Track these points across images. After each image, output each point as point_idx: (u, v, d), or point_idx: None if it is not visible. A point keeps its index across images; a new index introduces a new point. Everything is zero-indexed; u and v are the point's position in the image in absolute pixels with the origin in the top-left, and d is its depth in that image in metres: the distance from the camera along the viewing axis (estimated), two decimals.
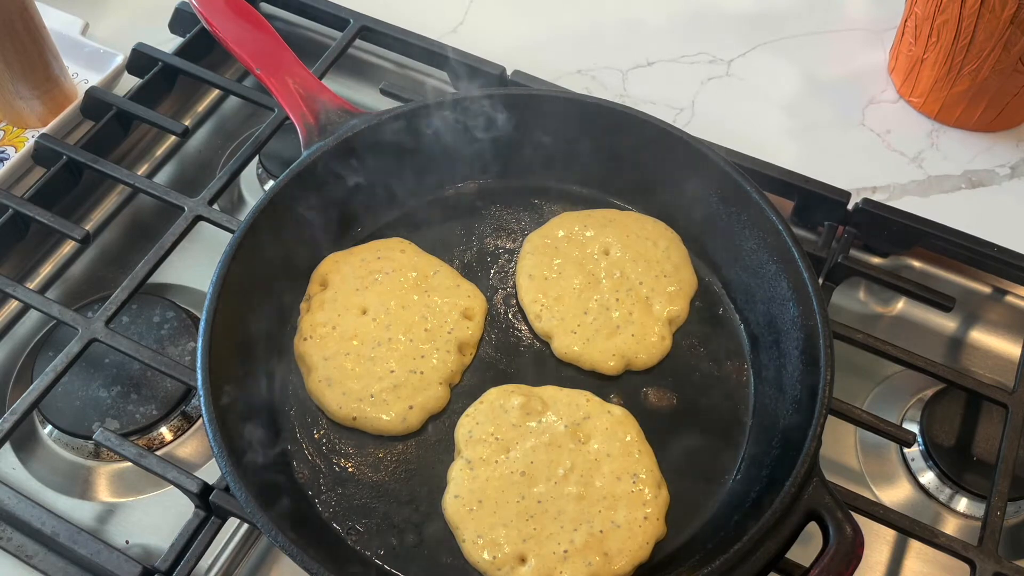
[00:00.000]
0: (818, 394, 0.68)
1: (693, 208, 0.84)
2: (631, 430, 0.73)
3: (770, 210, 0.77)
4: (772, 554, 0.63)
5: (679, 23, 1.15)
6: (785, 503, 0.63)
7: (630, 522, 0.68)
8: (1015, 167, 1.01)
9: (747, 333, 0.81)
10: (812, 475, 0.65)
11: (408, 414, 0.74)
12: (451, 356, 0.77)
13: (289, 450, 0.73)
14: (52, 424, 0.80)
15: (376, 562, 0.69)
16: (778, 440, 0.71)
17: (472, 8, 1.15)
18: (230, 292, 0.72)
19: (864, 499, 0.72)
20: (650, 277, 0.81)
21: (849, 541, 0.62)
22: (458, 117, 0.83)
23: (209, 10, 0.86)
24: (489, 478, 0.70)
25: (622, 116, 0.83)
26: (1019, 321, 0.91)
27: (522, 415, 0.73)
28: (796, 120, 1.05)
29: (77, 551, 0.69)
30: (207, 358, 0.68)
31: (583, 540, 0.67)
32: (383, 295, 0.79)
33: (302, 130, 0.81)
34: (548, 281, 0.81)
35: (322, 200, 0.81)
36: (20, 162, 0.92)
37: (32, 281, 0.91)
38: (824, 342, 0.70)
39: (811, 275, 0.73)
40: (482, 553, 0.67)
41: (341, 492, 0.72)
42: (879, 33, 1.13)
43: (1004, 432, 0.76)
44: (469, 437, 0.73)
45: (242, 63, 0.86)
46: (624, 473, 0.70)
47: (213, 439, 0.65)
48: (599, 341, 0.78)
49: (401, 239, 0.84)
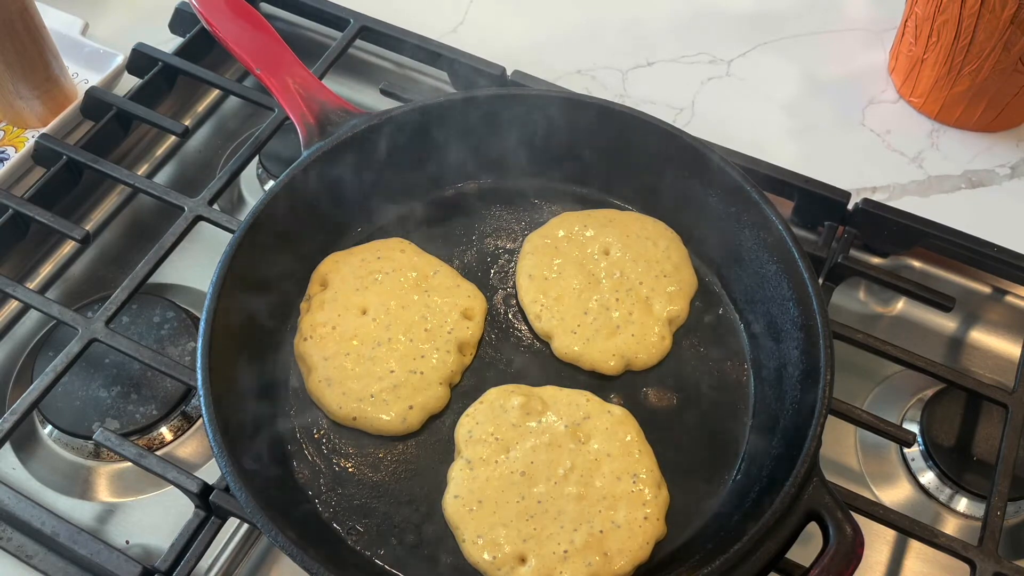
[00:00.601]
0: (818, 394, 0.68)
1: (693, 208, 0.84)
2: (631, 430, 0.73)
3: (770, 210, 0.77)
4: (772, 554, 0.63)
5: (679, 23, 1.15)
6: (785, 503, 0.63)
7: (630, 522, 0.68)
8: (1015, 167, 1.01)
9: (747, 333, 0.81)
10: (812, 475, 0.65)
11: (408, 414, 0.74)
12: (451, 356, 0.77)
13: (289, 450, 0.73)
14: (52, 424, 0.80)
15: (376, 562, 0.69)
16: (778, 440, 0.71)
17: (472, 8, 1.15)
18: (230, 292, 0.72)
19: (864, 499, 0.72)
20: (650, 277, 0.81)
21: (849, 541, 0.62)
22: (458, 117, 0.83)
23: (209, 10, 0.86)
24: (489, 478, 0.70)
25: (622, 116, 0.83)
26: (1019, 321, 0.91)
27: (522, 415, 0.73)
28: (796, 120, 1.05)
29: (77, 551, 0.69)
30: (207, 358, 0.68)
31: (583, 540, 0.67)
32: (383, 295, 0.79)
33: (302, 130, 0.81)
34: (548, 281, 0.81)
35: (322, 200, 0.81)
36: (20, 162, 0.92)
37: (32, 281, 0.91)
38: (824, 342, 0.70)
39: (811, 275, 0.73)
40: (482, 553, 0.67)
41: (341, 492, 0.72)
42: (879, 33, 1.13)
43: (1004, 432, 0.76)
44: (469, 437, 0.73)
45: (242, 63, 0.86)
46: (624, 473, 0.70)
47: (213, 439, 0.65)
48: (599, 341, 0.78)
49: (401, 239, 0.84)
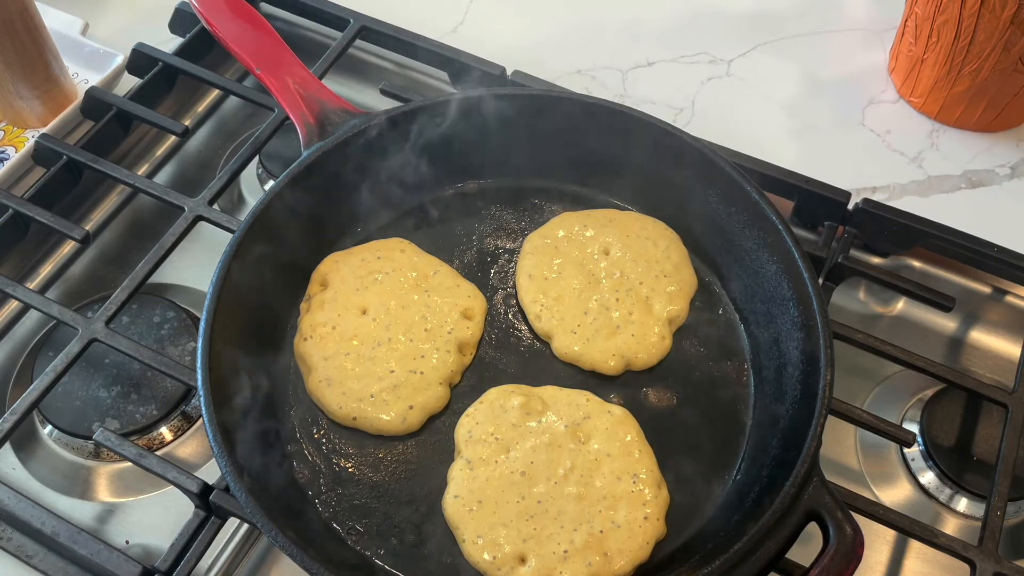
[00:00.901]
0: (818, 394, 0.68)
1: (693, 208, 0.84)
2: (631, 430, 0.73)
3: (770, 210, 0.77)
4: (772, 554, 0.63)
5: (679, 23, 1.15)
6: (785, 503, 0.63)
7: (630, 522, 0.68)
8: (1015, 167, 1.01)
9: (747, 333, 0.81)
10: (812, 475, 0.65)
11: (408, 414, 0.74)
12: (451, 356, 0.76)
13: (289, 450, 0.73)
14: (52, 424, 0.80)
15: (376, 562, 0.69)
16: (778, 440, 0.71)
17: (472, 8, 1.15)
18: (230, 292, 0.72)
19: (864, 499, 0.72)
20: (650, 277, 0.81)
21: (849, 541, 0.62)
22: (458, 117, 0.83)
23: (209, 10, 0.87)
24: (489, 478, 0.70)
25: (622, 116, 0.83)
26: (1019, 321, 0.91)
27: (522, 415, 0.73)
28: (796, 120, 1.05)
29: (77, 551, 0.69)
30: (207, 358, 0.68)
31: (583, 540, 0.67)
32: (383, 295, 0.79)
33: (302, 130, 0.81)
34: (548, 281, 0.81)
35: (322, 200, 0.81)
36: (20, 162, 0.92)
37: (32, 281, 0.91)
38: (824, 342, 0.70)
39: (811, 275, 0.73)
40: (482, 553, 0.67)
41: (341, 492, 0.72)
42: (879, 33, 1.13)
43: (1004, 432, 0.76)
44: (469, 437, 0.73)
45: (242, 63, 0.86)
46: (624, 473, 0.70)
47: (213, 439, 0.65)
48: (599, 341, 0.78)
49: (401, 239, 0.84)
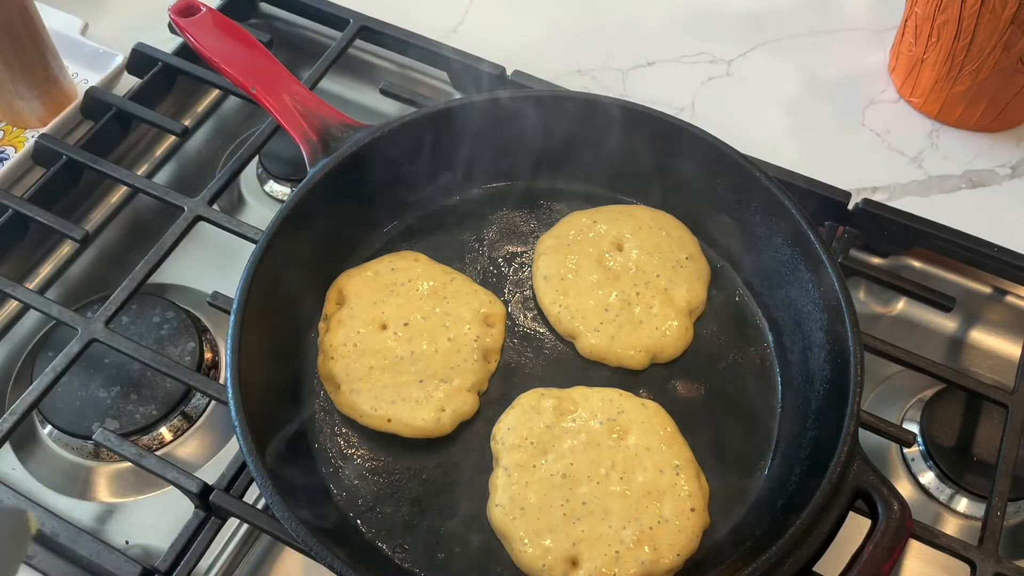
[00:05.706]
0: (850, 373, 0.67)
1: (702, 199, 0.83)
2: (667, 422, 0.72)
3: (781, 194, 0.77)
4: (825, 535, 0.64)
5: (679, 23, 1.14)
6: (833, 483, 0.63)
7: (678, 515, 0.68)
8: (1015, 167, 1.01)
9: (767, 318, 0.80)
10: (854, 454, 0.65)
11: (441, 415, 0.72)
12: (476, 364, 0.75)
13: (325, 472, 0.72)
14: (52, 424, 0.80)
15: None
16: (812, 422, 0.71)
17: (472, 8, 1.15)
18: (254, 305, 0.70)
19: None
20: (667, 268, 0.81)
21: (898, 516, 0.63)
22: (461, 123, 0.82)
23: (197, 32, 0.85)
24: (529, 483, 0.69)
25: (624, 111, 0.82)
26: (1019, 321, 0.91)
27: (556, 416, 0.72)
28: (796, 120, 1.05)
29: (77, 551, 0.69)
30: (237, 388, 0.66)
31: (633, 538, 0.66)
32: (401, 307, 0.78)
33: (305, 148, 0.79)
34: (565, 281, 0.80)
35: (332, 216, 0.80)
36: (20, 162, 0.92)
37: (32, 281, 0.91)
38: (850, 319, 0.69)
39: (828, 253, 0.73)
40: (533, 560, 0.66)
41: (381, 511, 0.70)
42: (879, 33, 1.13)
43: (1004, 432, 0.76)
44: (505, 444, 0.71)
45: (236, 84, 0.84)
46: (665, 466, 0.70)
47: (254, 468, 0.63)
48: (623, 337, 0.77)
49: (412, 251, 0.82)
